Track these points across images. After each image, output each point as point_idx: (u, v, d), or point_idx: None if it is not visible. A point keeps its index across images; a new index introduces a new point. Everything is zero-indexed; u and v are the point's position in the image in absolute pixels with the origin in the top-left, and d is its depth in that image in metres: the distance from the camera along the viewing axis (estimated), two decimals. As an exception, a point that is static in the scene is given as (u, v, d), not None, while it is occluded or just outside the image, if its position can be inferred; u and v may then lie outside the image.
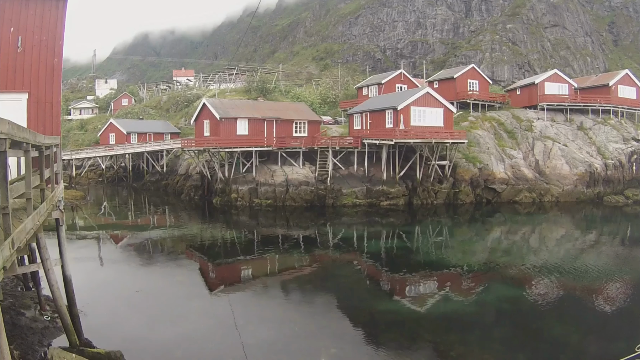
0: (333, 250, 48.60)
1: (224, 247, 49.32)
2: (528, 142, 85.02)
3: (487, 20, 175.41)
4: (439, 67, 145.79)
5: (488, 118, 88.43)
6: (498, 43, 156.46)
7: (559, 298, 35.00)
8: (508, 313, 31.94)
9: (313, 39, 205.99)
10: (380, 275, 40.43)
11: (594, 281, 39.43)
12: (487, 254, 49.34)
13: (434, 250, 49.79)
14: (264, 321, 28.57)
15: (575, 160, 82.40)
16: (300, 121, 77.52)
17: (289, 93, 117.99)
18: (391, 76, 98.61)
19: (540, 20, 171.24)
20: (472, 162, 76.44)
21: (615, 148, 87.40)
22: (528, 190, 76.99)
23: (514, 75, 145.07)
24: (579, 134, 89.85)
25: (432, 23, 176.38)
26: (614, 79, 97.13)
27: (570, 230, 63.68)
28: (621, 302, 35.14)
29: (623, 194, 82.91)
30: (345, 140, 75.03)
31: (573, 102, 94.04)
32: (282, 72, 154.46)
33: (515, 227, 63.59)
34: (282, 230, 57.62)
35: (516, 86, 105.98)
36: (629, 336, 24.96)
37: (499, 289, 36.30)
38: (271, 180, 71.04)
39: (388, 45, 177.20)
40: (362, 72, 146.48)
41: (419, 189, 72.29)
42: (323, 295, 34.43)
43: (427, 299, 33.77)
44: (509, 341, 27.16)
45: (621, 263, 46.47)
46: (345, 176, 73.07)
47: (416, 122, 70.26)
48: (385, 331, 27.98)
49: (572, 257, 49.06)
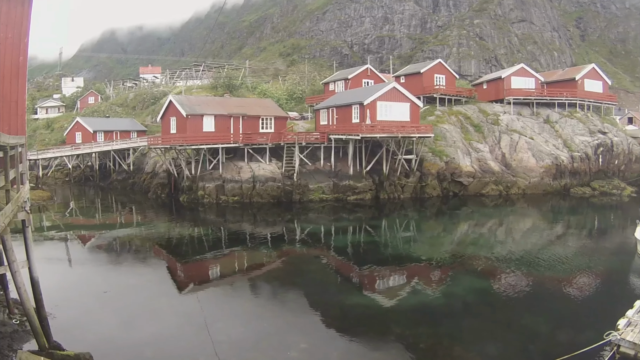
0: (301, 246, 48.55)
1: (191, 245, 48.86)
2: (494, 136, 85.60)
3: (455, 15, 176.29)
4: (406, 62, 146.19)
5: (455, 112, 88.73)
6: (465, 38, 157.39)
7: (528, 289, 35.21)
8: (477, 304, 32.07)
9: (280, 35, 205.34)
10: (349, 270, 40.38)
11: (562, 271, 39.77)
12: (455, 246, 49.56)
13: (402, 244, 49.76)
14: (233, 318, 28.45)
15: (541, 153, 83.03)
16: (267, 117, 76.99)
17: (255, 89, 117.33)
18: (358, 71, 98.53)
19: (508, 16, 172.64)
20: (438, 156, 76.62)
21: (582, 141, 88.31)
22: (495, 183, 77.67)
23: (481, 70, 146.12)
24: (545, 127, 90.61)
25: (399, 18, 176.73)
26: (580, 73, 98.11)
27: (537, 222, 64.21)
28: (589, 291, 35.52)
29: (590, 186, 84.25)
30: (311, 136, 74.88)
31: (540, 96, 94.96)
32: (249, 68, 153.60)
33: (483, 220, 63.86)
34: (249, 226, 57.27)
35: (483, 80, 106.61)
36: (597, 324, 25.06)
37: (467, 281, 36.48)
38: (238, 177, 70.51)
39: (355, 41, 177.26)
40: (329, 67, 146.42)
41: (385, 183, 72.30)
42: (292, 291, 34.29)
43: (396, 293, 33.74)
44: (479, 332, 27.25)
45: (588, 253, 46.83)
46: (312, 171, 72.77)
47: (383, 117, 70.10)
48: (354, 325, 27.89)
49: (539, 248, 49.38)
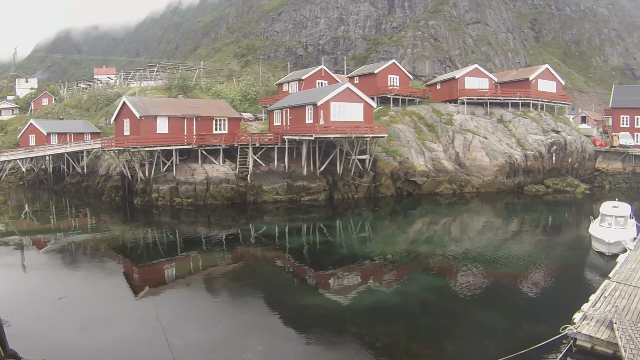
0: (256, 247, 48.34)
1: (146, 249, 48.23)
2: (448, 135, 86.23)
3: (410, 16, 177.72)
4: (361, 62, 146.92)
5: (408, 112, 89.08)
6: (420, 39, 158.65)
7: (484, 285, 35.59)
8: (434, 302, 32.36)
9: (235, 36, 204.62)
10: (304, 270, 40.44)
11: (518, 268, 40.30)
12: (410, 245, 49.75)
13: (357, 244, 49.98)
14: (190, 321, 28.34)
15: (495, 152, 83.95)
16: (221, 118, 76.34)
17: (209, 90, 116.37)
18: (312, 72, 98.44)
19: (463, 17, 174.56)
20: (392, 156, 76.89)
21: (535, 139, 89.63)
22: (449, 181, 78.37)
23: (435, 71, 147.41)
24: (499, 126, 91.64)
25: (354, 19, 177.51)
26: (534, 74, 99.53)
27: (492, 220, 65.11)
28: (545, 286, 36.26)
29: (543, 183, 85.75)
30: (265, 137, 74.47)
31: (493, 96, 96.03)
32: (204, 69, 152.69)
33: (437, 218, 64.52)
34: (204, 229, 56.86)
35: (437, 81, 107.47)
36: (554, 319, 25.43)
37: (423, 279, 36.81)
38: (192, 179, 69.74)
39: (310, 42, 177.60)
40: (284, 68, 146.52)
41: (339, 184, 72.36)
42: (248, 293, 34.11)
43: (352, 292, 33.90)
44: (436, 330, 27.60)
45: (544, 249, 47.70)
46: (266, 173, 72.32)
47: (336, 117, 69.97)
48: (311, 325, 28.02)
49: (495, 245, 50.06)
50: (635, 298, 28.72)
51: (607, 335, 23.12)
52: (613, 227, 43.65)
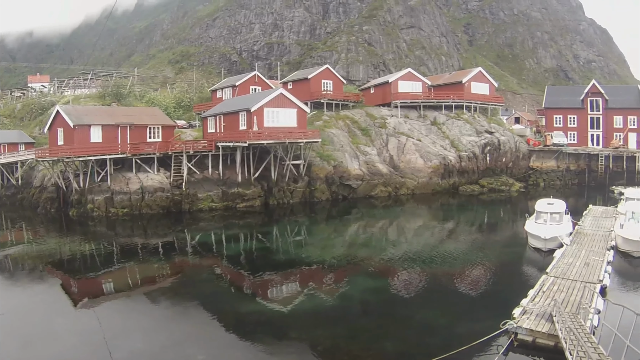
0: (193, 256, 48.08)
1: (83, 261, 47.16)
2: (382, 139, 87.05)
3: (344, 21, 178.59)
4: (295, 68, 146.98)
5: (342, 117, 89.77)
6: (354, 44, 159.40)
7: (423, 285, 36.20)
8: (373, 303, 32.76)
9: (170, 42, 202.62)
10: (243, 278, 40.34)
11: (456, 266, 41.27)
12: (348, 248, 50.11)
13: (294, 249, 50.23)
14: (130, 333, 28.15)
15: (429, 154, 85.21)
16: (154, 126, 75.27)
17: (143, 98, 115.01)
18: (245, 78, 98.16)
19: (397, 22, 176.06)
20: (326, 160, 77.24)
21: (469, 141, 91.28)
22: (383, 184, 79.25)
23: (369, 75, 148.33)
24: (432, 128, 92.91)
25: (289, 25, 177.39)
26: (467, 77, 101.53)
27: (428, 221, 66.27)
28: (484, 283, 36.98)
29: (478, 183, 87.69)
30: (199, 144, 73.87)
31: (427, 99, 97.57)
32: (138, 76, 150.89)
33: (373, 221, 65.16)
34: (140, 239, 56.04)
35: (370, 85, 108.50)
36: (494, 314, 26.13)
37: (362, 282, 37.14)
38: (126, 188, 68.48)
39: (244, 47, 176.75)
40: (218, 74, 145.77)
41: (274, 189, 72.52)
42: (188, 302, 33.99)
43: (291, 297, 34.12)
44: (376, 331, 27.65)
45: (481, 247, 48.87)
46: (201, 180, 71.74)
47: (270, 123, 69.93)
48: (251, 332, 27.99)
49: (431, 245, 50.98)
50: (573, 291, 29.89)
51: (548, 328, 24.14)
52: (549, 224, 44.97)
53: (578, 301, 28.06)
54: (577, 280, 32.27)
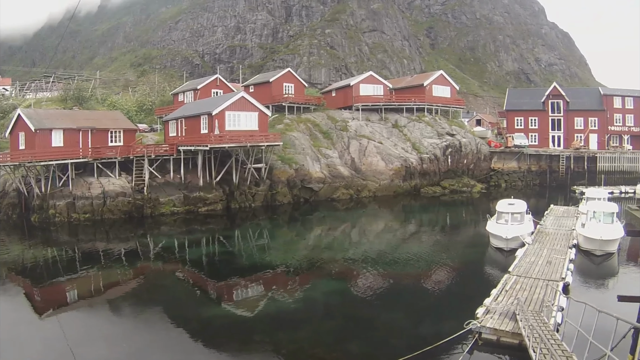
0: (156, 262, 47.87)
1: (46, 267, 46.37)
2: (343, 142, 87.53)
3: (307, 25, 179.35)
4: (257, 71, 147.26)
5: (303, 120, 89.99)
6: (316, 47, 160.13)
7: (387, 287, 36.46)
8: (337, 306, 32.89)
9: (132, 45, 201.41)
10: (206, 282, 40.33)
11: (419, 268, 41.56)
12: (310, 251, 50.41)
13: (257, 253, 50.16)
14: (94, 341, 27.83)
15: (390, 156, 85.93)
16: (116, 130, 74.72)
17: (105, 101, 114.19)
18: (207, 81, 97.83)
19: (360, 26, 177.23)
20: (288, 164, 77.28)
21: (430, 143, 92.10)
22: (345, 187, 79.59)
23: (331, 78, 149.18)
24: (394, 131, 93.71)
25: (251, 28, 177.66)
26: (428, 80, 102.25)
27: (390, 222, 66.93)
28: (448, 284, 37.61)
29: (440, 185, 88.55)
30: (160, 148, 73.47)
31: (388, 102, 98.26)
32: (100, 79, 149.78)
33: (335, 224, 65.44)
34: (102, 244, 55.22)
35: (332, 88, 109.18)
36: (458, 314, 26.32)
37: (325, 284, 37.34)
38: (88, 193, 67.60)
39: (207, 50, 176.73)
40: (180, 78, 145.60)
41: (236, 193, 72.24)
42: (151, 308, 33.90)
43: (255, 301, 34.11)
44: (340, 333, 27.86)
45: (444, 248, 49.64)
46: (162, 184, 71.30)
47: (231, 127, 69.89)
48: (215, 337, 28.09)
49: (395, 247, 51.52)
50: (536, 289, 30.47)
51: (511, 326, 24.55)
52: (510, 224, 45.50)
53: (541, 299, 28.55)
54: (540, 278, 32.94)
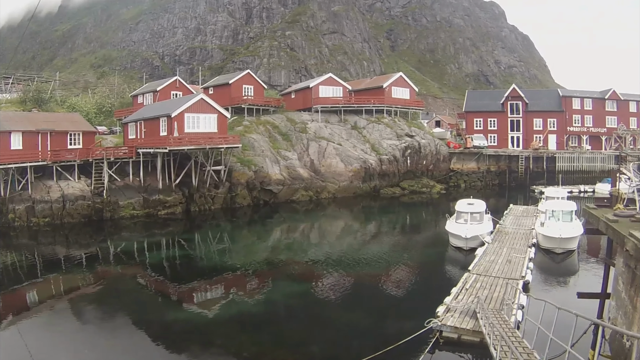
0: (116, 266, 47.23)
1: (6, 273, 45.50)
2: (303, 143, 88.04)
3: (267, 27, 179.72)
4: (217, 73, 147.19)
5: (262, 122, 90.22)
6: (276, 49, 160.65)
7: (348, 287, 36.82)
8: (298, 308, 33.15)
9: (92, 46, 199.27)
10: (167, 286, 40.03)
11: (379, 268, 42.03)
12: (271, 253, 50.57)
13: (217, 256, 50.12)
14: (57, 348, 27.61)
15: (349, 158, 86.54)
16: (75, 132, 74.02)
17: (64, 103, 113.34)
18: (166, 83, 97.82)
19: (320, 27, 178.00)
20: (247, 166, 77.31)
21: (389, 144, 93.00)
22: (304, 189, 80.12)
23: (291, 80, 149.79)
24: (353, 133, 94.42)
25: (212, 29, 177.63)
26: (387, 81, 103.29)
27: (350, 223, 67.48)
28: (408, 283, 38.16)
29: (399, 186, 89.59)
30: (119, 151, 72.96)
31: (347, 104, 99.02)
32: (59, 81, 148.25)
33: (295, 225, 65.88)
34: (63, 249, 54.50)
35: (291, 90, 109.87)
36: (419, 313, 26.63)
37: (286, 286, 37.58)
38: (47, 197, 66.60)
39: (167, 52, 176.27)
40: (140, 79, 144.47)
41: (195, 196, 71.99)
42: (113, 313, 33.51)
43: (216, 304, 34.23)
44: (302, 334, 28.28)
45: (404, 248, 50.20)
46: (122, 187, 70.77)
47: (190, 129, 69.98)
48: (177, 341, 27.93)
49: (355, 248, 51.90)
50: (496, 288, 31.04)
51: (472, 324, 25.01)
52: (469, 223, 46.24)
53: (501, 297, 29.08)
54: (500, 277, 33.51)
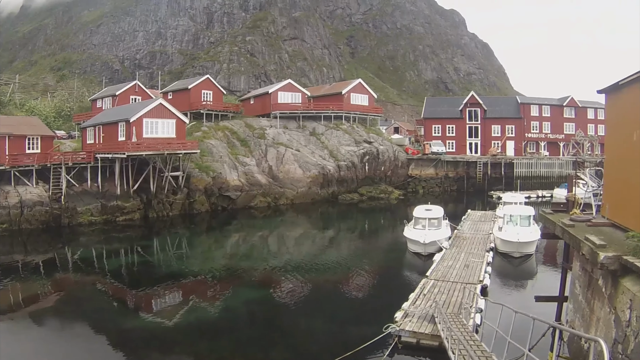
0: (75, 273, 46.59)
1: None
2: (261, 149, 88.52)
3: (228, 32, 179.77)
4: (177, 77, 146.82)
5: (221, 127, 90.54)
6: (236, 54, 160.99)
7: (307, 293, 37.19)
8: (257, 314, 33.30)
9: (53, 48, 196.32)
10: (126, 293, 39.78)
11: (338, 274, 42.51)
12: (229, 260, 50.49)
13: (176, 262, 49.76)
14: (14, 357, 26.99)
15: (308, 164, 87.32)
16: (33, 137, 73.21)
17: (24, 106, 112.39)
18: (125, 87, 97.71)
19: (280, 33, 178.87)
20: (205, 172, 77.42)
21: (348, 150, 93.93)
22: (263, 195, 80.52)
23: (251, 85, 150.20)
24: (311, 139, 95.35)
25: (172, 34, 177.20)
26: (346, 88, 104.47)
27: (308, 230, 68.01)
28: (367, 289, 38.53)
29: (357, 192, 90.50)
30: (77, 156, 72.35)
31: (306, 110, 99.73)
32: (19, 84, 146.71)
33: (254, 232, 66.03)
34: (20, 256, 53.01)
35: (250, 96, 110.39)
36: (378, 318, 26.94)
37: (245, 293, 37.57)
38: (5, 203, 65.48)
39: (127, 56, 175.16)
40: (100, 83, 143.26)
41: (154, 202, 71.67)
42: (71, 321, 33.08)
43: (175, 311, 33.91)
44: (261, 341, 28.18)
45: (363, 254, 50.92)
46: (80, 193, 70.11)
47: (149, 134, 69.92)
48: (136, 348, 27.96)
49: (313, 254, 52.40)
50: (454, 292, 31.53)
51: (431, 329, 25.31)
52: (427, 229, 46.72)
53: (459, 302, 29.47)
54: (458, 282, 33.98)
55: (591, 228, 21.50)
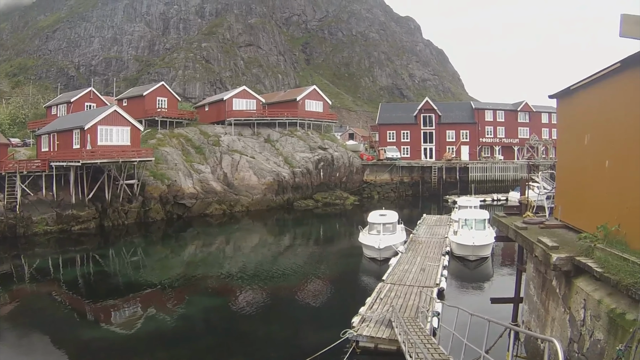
0: (31, 284, 46.04)
1: None
2: (216, 157, 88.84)
3: (184, 38, 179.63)
4: (132, 84, 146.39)
5: (176, 135, 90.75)
6: (192, 61, 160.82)
7: (264, 300, 37.46)
8: (214, 322, 33.36)
9: (8, 53, 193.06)
10: (83, 304, 39.22)
11: (295, 280, 42.93)
12: (185, 268, 50.39)
13: (132, 272, 49.32)
14: None
15: (263, 171, 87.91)
16: (-13, 145, 73.30)
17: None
18: (80, 94, 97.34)
19: (236, 40, 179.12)
20: (160, 179, 77.43)
21: (303, 157, 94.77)
22: (218, 202, 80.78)
23: (206, 92, 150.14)
24: (266, 146, 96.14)
25: (128, 40, 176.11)
26: (301, 95, 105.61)
27: (264, 237, 68.22)
28: (324, 295, 39.02)
29: (313, 198, 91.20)
30: (32, 164, 71.35)
31: (261, 117, 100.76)
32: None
33: (209, 239, 66.19)
34: None
35: (205, 103, 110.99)
36: (336, 324, 26.96)
37: (202, 301, 37.69)
38: None
39: (83, 62, 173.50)
40: (55, 89, 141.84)
41: (109, 210, 71.32)
42: (28, 333, 32.27)
43: (131, 321, 33.74)
44: (218, 349, 28.48)
45: (319, 260, 51.32)
46: (35, 202, 69.09)
47: (103, 142, 69.86)
48: None
49: (269, 260, 52.60)
50: (411, 296, 31.69)
51: (388, 333, 25.25)
52: (382, 234, 47.12)
53: (416, 305, 29.39)
54: (414, 285, 33.92)
55: (544, 230, 21.74)
